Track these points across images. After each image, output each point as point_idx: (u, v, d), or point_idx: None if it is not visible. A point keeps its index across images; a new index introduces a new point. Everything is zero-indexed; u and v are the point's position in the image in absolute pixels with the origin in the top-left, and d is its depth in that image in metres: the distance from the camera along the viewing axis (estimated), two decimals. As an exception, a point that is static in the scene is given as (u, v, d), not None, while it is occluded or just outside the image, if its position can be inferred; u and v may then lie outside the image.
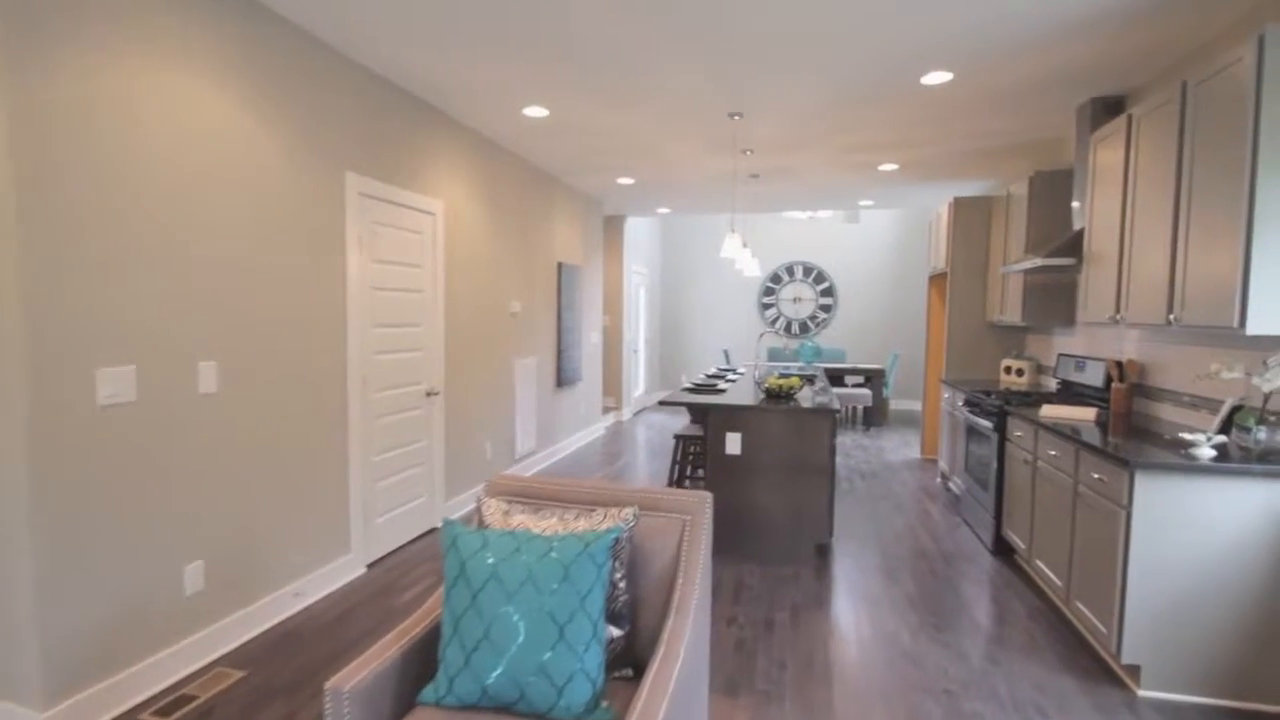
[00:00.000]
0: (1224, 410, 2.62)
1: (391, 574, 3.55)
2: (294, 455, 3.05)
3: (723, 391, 4.38)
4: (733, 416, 3.79)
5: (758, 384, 4.11)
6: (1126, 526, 2.42)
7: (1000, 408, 3.84)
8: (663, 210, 8.02)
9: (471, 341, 4.66)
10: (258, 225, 2.81)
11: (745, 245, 5.68)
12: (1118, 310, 3.19)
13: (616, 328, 8.62)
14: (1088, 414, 3.34)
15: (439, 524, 4.28)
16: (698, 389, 4.48)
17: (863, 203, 7.37)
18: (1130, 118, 3.13)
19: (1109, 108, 3.83)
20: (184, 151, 2.47)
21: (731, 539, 3.83)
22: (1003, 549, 3.90)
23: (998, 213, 5.18)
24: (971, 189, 6.47)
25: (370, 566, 3.63)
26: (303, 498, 3.12)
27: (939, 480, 5.64)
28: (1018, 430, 3.62)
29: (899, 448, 7.10)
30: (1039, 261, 3.77)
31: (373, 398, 3.59)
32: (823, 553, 3.86)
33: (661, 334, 10.79)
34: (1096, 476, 2.66)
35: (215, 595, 2.68)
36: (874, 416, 8.38)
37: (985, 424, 4.03)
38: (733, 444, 3.78)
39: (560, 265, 6.23)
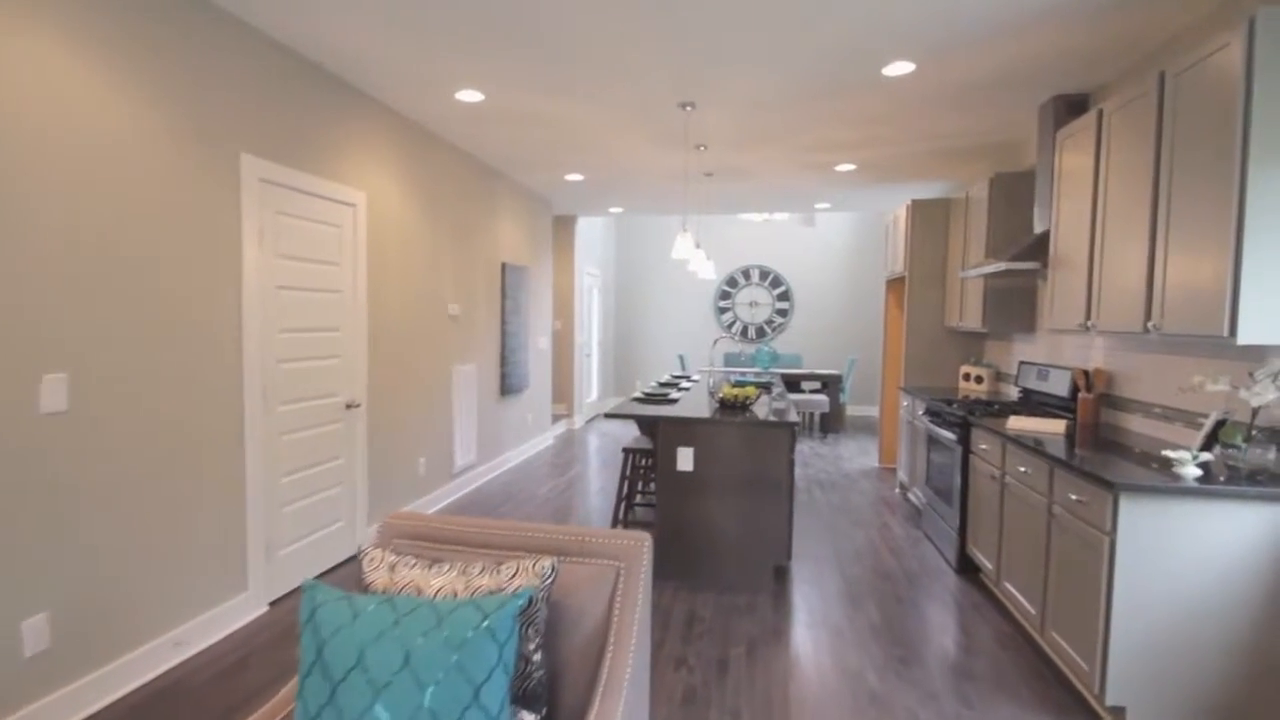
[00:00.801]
0: (1208, 425, 2.44)
1: (299, 613, 3.12)
2: (173, 481, 2.61)
3: (674, 402, 4.08)
4: (684, 430, 3.49)
5: (712, 394, 3.84)
6: (1110, 554, 2.21)
7: (963, 418, 3.64)
8: (615, 210, 7.71)
9: (402, 347, 4.25)
10: (121, 211, 2.37)
11: (699, 246, 5.41)
12: (1088, 317, 3.01)
13: (568, 332, 8.26)
14: (1056, 427, 3.15)
15: (361, 549, 3.84)
16: (648, 399, 4.17)
17: (819, 205, 7.20)
18: (1101, 113, 2.96)
19: (1072, 107, 3.68)
20: (22, 122, 2.04)
21: (683, 564, 3.53)
22: (968, 566, 3.70)
23: (956, 215, 5.03)
24: (929, 191, 6.35)
25: (274, 604, 3.19)
26: (185, 529, 2.68)
27: (898, 491, 5.46)
28: (983, 443, 3.42)
29: (856, 455, 6.93)
30: (1001, 265, 3.59)
31: (278, 411, 3.16)
32: (781, 576, 3.59)
33: (615, 338, 10.47)
34: (1075, 498, 2.45)
35: (66, 653, 2.23)
36: (831, 423, 8.23)
37: (948, 435, 3.83)
38: (684, 460, 3.49)
39: (505, 266, 5.85)
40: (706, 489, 3.48)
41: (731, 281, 10.05)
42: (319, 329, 3.44)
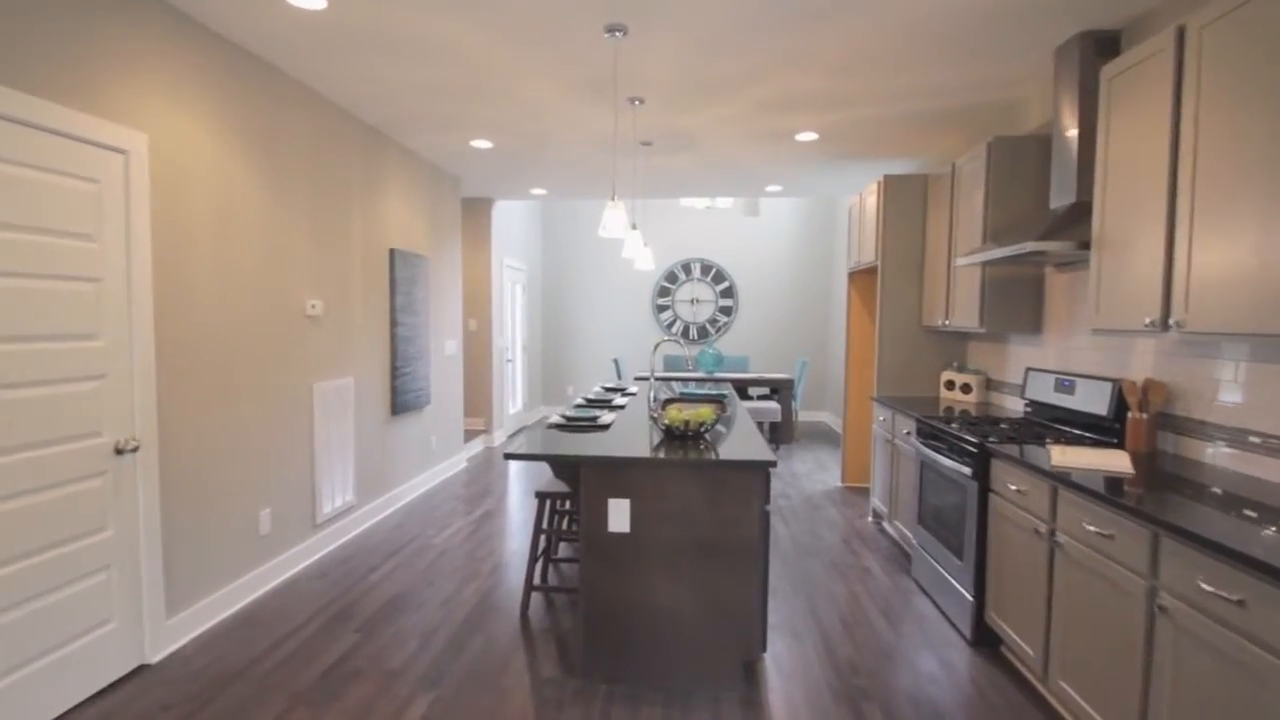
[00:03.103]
0: None
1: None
2: None
3: (605, 428, 3.08)
4: (617, 476, 2.49)
5: (655, 416, 2.86)
6: (1315, 704, 1.35)
7: (980, 446, 2.80)
8: (538, 192, 6.63)
9: (223, 359, 3.07)
10: None
11: (635, 228, 4.43)
12: (1167, 313, 2.20)
13: (485, 334, 7.12)
14: (1119, 461, 2.33)
15: (151, 659, 2.66)
16: (570, 424, 3.15)
17: (770, 188, 6.35)
18: (1181, 31, 2.14)
19: (1105, 45, 2.89)
20: None
21: (617, 660, 2.53)
22: (987, 638, 2.86)
23: (939, 194, 4.24)
24: (897, 170, 5.58)
25: (-40, 782, 2.00)
26: None
27: (871, 520, 4.64)
28: (1014, 482, 2.57)
29: (814, 471, 6.12)
30: (1029, 247, 2.75)
31: (-35, 472, 1.96)
32: (752, 672, 2.64)
33: (543, 341, 9.37)
34: (1213, 590, 1.59)
35: None
36: (783, 433, 7.42)
37: (956, 468, 2.99)
38: (618, 517, 2.48)
39: (394, 253, 4.69)
40: (649, 556, 2.49)
41: (671, 277, 9.13)
42: (56, 337, 2.25)
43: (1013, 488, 2.58)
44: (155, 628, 2.67)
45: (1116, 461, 2.33)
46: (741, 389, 8.02)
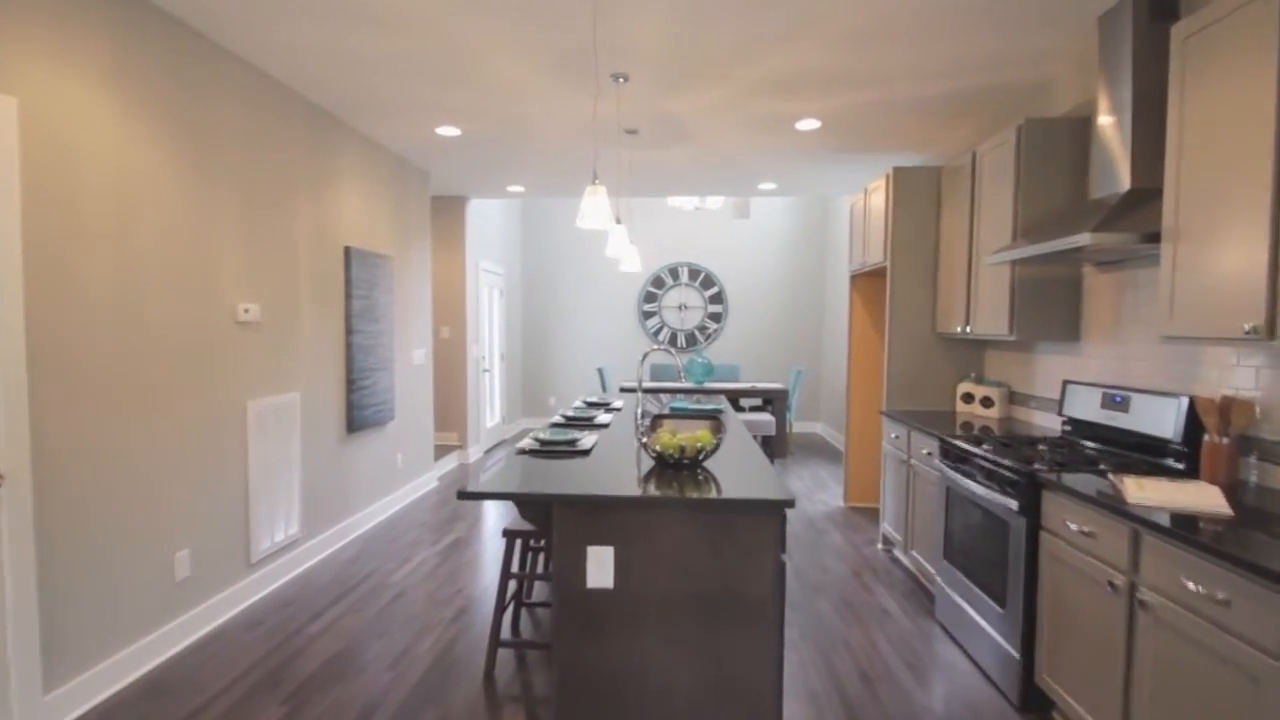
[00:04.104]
0: None
1: None
2: None
3: (585, 453, 2.61)
4: (597, 517, 2.02)
5: (644, 442, 2.40)
6: None
7: (1029, 475, 2.37)
8: (515, 189, 6.17)
9: (124, 372, 2.57)
10: None
11: (620, 221, 3.99)
12: (1275, 318, 1.78)
13: (459, 342, 6.63)
14: (1210, 497, 1.91)
15: (18, 747, 2.14)
16: (544, 448, 2.68)
17: (764, 186, 5.94)
18: (1293, -28, 1.74)
19: (1160, 9, 2.50)
20: None
21: (599, 743, 2.06)
22: (1038, 703, 2.42)
23: (955, 187, 3.84)
24: (898, 165, 5.19)
25: None
26: None
27: (881, 547, 4.21)
28: (1076, 520, 2.15)
29: (814, 489, 5.69)
30: (1088, 239, 2.34)
31: None
32: (762, 753, 2.18)
33: (524, 349, 8.88)
34: None
35: None
36: (777, 447, 6.98)
37: (997, 499, 2.56)
38: (599, 568, 2.02)
39: (350, 252, 4.20)
40: (637, 618, 2.03)
41: (658, 281, 8.69)
42: (-127, 350, 1.74)
43: (1074, 527, 2.15)
44: (27, 709, 2.15)
45: (1208, 498, 1.90)
46: (732, 400, 7.58)
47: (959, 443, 2.94)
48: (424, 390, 5.55)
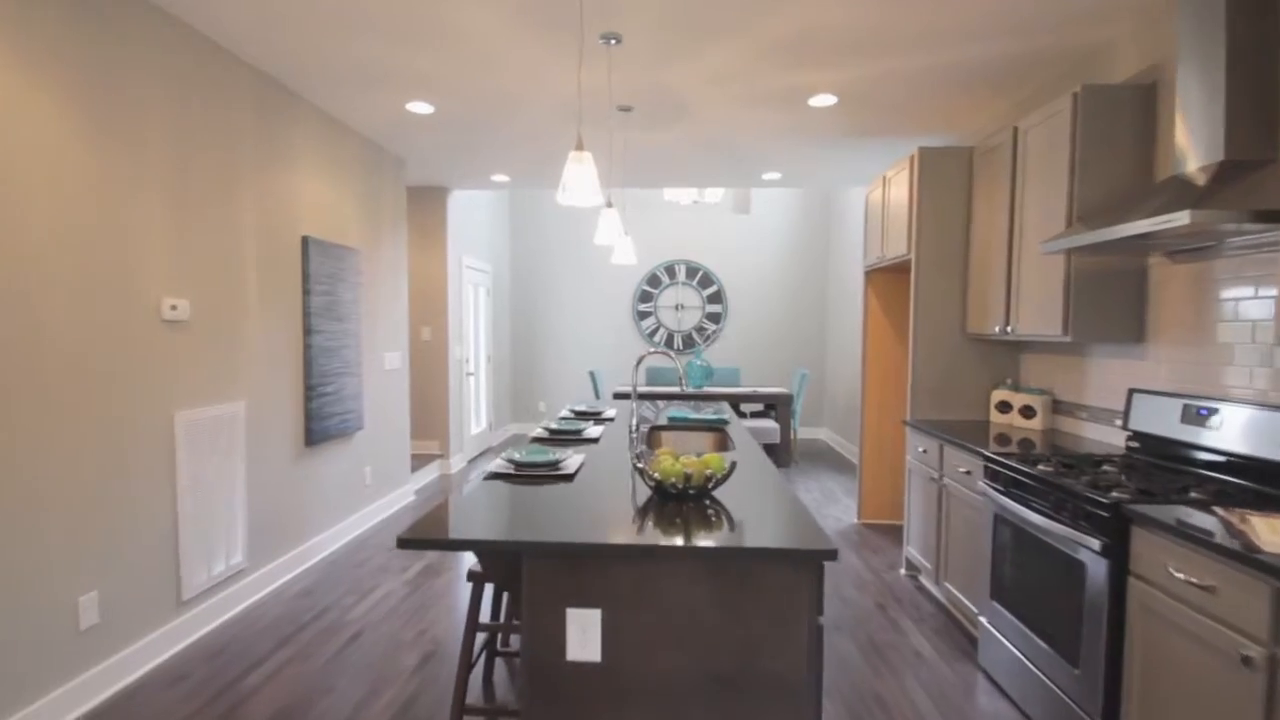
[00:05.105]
0: None
1: None
2: None
3: (568, 478, 2.16)
4: (579, 572, 1.57)
5: (640, 467, 1.95)
6: None
7: (1116, 507, 1.93)
8: (499, 178, 5.71)
9: (10, 385, 2.10)
10: None
11: (611, 205, 3.55)
12: None
13: (440, 343, 6.17)
14: (1374, 546, 1.47)
15: None
16: (519, 470, 2.22)
17: (767, 175, 5.50)
18: None
19: (1263, -57, 2.07)
20: None
21: None
22: (1122, 788, 1.98)
23: (991, 169, 3.41)
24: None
25: None
26: None
27: (905, 573, 3.77)
28: (1184, 569, 1.71)
29: (823, 503, 5.25)
30: (1188, 218, 1.90)
31: None
32: None
33: (512, 351, 8.42)
34: None
35: None
36: (781, 455, 6.54)
37: (1071, 535, 2.11)
38: (582, 637, 1.56)
39: (309, 243, 3.73)
40: (631, 701, 1.57)
41: (653, 280, 8.25)
42: None
43: (1180, 576, 1.71)
44: None
45: (1376, 548, 1.46)
46: (733, 405, 7.15)
47: (1013, 463, 2.50)
48: (399, 396, 5.08)
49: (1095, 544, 1.98)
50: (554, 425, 3.04)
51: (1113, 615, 1.95)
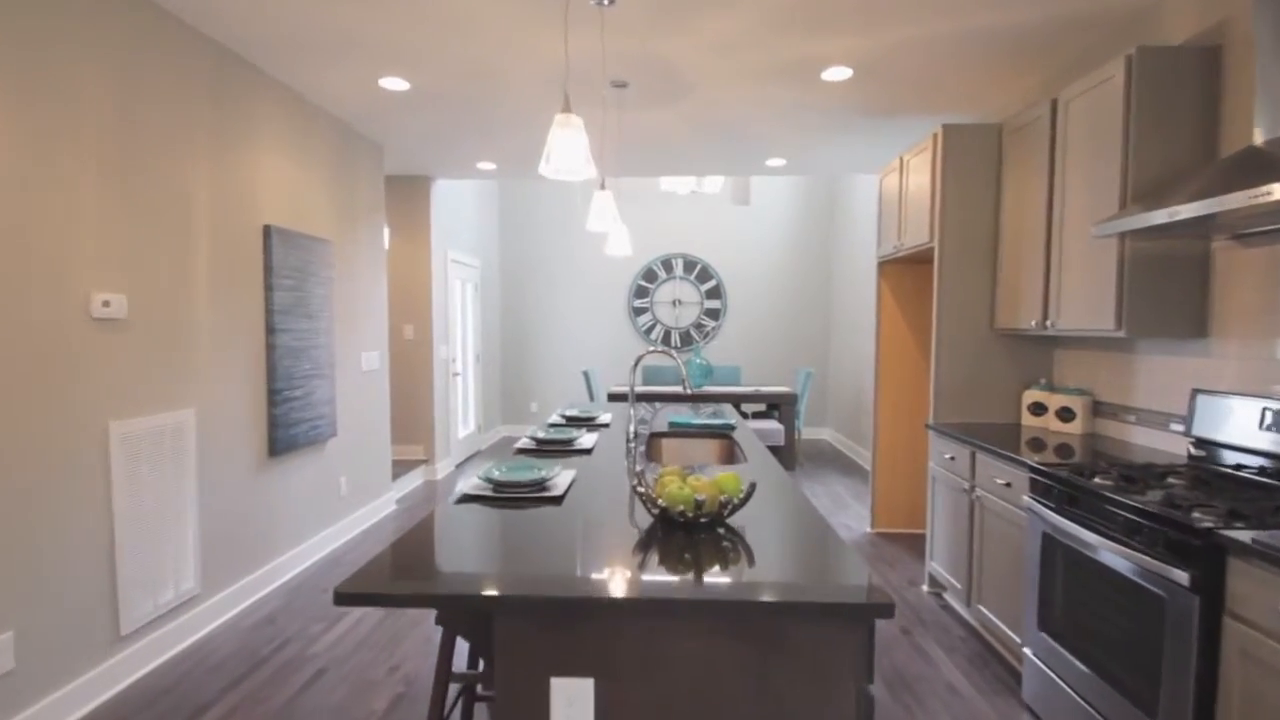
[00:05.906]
0: None
1: None
2: None
3: (557, 500, 1.83)
4: (565, 631, 1.24)
5: (641, 491, 1.64)
6: None
7: (1209, 534, 1.61)
8: (485, 166, 5.38)
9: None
10: None
11: (605, 187, 3.22)
12: None
13: (424, 342, 5.83)
14: None
15: None
16: (499, 492, 1.89)
17: (771, 162, 5.18)
18: None
19: None
20: None
21: None
22: None
23: (1025, 147, 3.09)
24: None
25: None
26: None
27: (928, 590, 3.46)
28: (1307, 613, 1.39)
29: (833, 510, 4.94)
30: (1283, 188, 1.59)
31: None
32: None
33: (502, 350, 8.09)
34: None
35: None
36: (785, 458, 6.23)
37: (1151, 565, 1.80)
38: (568, 711, 1.24)
39: (271, 232, 3.39)
40: (634, 788, 1.25)
41: (649, 275, 7.92)
42: None
43: (1302, 623, 1.40)
44: None
45: None
46: (734, 405, 6.84)
47: (1067, 475, 2.18)
48: (378, 399, 4.74)
49: (1182, 577, 1.66)
50: (542, 434, 2.71)
51: (1203, 661, 1.64)
